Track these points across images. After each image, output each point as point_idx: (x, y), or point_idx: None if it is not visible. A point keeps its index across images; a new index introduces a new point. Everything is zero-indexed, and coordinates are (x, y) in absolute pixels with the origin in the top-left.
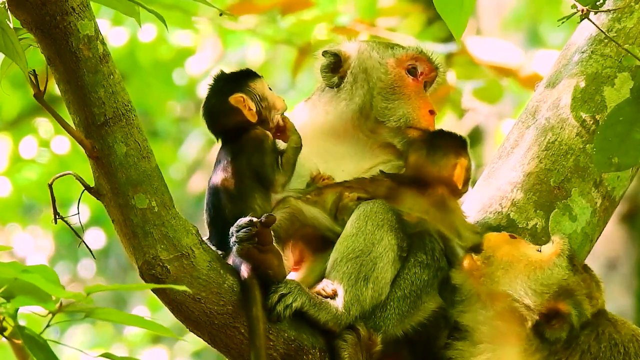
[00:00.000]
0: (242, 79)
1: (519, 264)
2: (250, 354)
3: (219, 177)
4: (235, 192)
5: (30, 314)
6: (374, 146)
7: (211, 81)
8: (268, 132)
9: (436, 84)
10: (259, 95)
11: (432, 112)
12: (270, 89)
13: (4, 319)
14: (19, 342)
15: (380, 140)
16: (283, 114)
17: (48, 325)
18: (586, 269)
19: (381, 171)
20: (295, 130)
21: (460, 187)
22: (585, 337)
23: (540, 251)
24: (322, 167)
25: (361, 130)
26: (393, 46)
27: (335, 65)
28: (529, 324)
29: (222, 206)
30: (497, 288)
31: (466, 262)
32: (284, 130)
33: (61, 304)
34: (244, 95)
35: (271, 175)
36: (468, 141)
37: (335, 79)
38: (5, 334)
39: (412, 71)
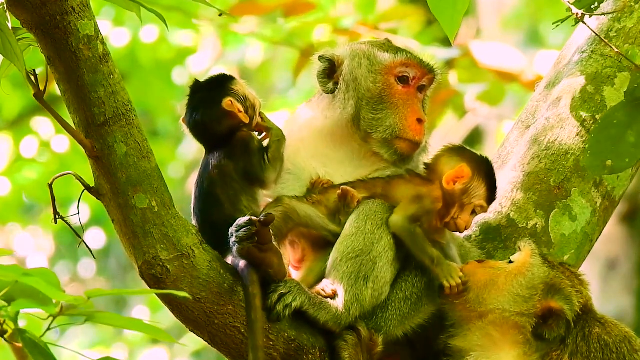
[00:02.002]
0: (224, 83)
1: (498, 278)
2: (249, 354)
3: (205, 182)
4: (221, 196)
5: (31, 315)
6: (368, 154)
7: (190, 92)
8: (253, 133)
9: (436, 84)
10: (242, 96)
11: (420, 121)
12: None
13: (4, 321)
14: (19, 345)
15: (372, 149)
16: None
17: (49, 329)
18: (563, 265)
19: (387, 176)
20: (274, 124)
21: (444, 185)
22: (572, 338)
23: (511, 262)
24: (321, 171)
25: (354, 139)
26: (387, 50)
27: (331, 71)
28: (528, 328)
29: (209, 210)
30: (486, 308)
31: (447, 290)
32: (263, 127)
33: (62, 307)
34: (232, 99)
35: (261, 174)
36: (490, 176)
37: (331, 85)
38: (6, 336)
39: (403, 78)
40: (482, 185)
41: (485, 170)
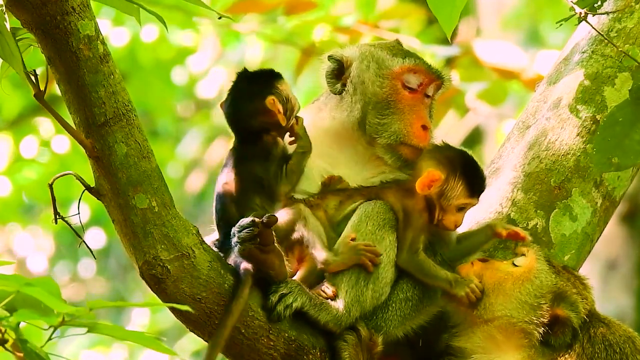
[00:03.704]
0: (271, 79)
1: (505, 283)
2: (209, 342)
3: (223, 180)
4: (236, 196)
5: (32, 324)
6: (373, 157)
7: (236, 79)
8: (279, 139)
9: (443, 89)
10: (285, 97)
11: (424, 127)
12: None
13: (5, 331)
14: (21, 354)
15: (376, 153)
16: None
17: (50, 339)
18: (566, 269)
19: (381, 182)
20: (306, 134)
21: (419, 191)
22: (579, 343)
23: (515, 265)
24: (327, 171)
25: (360, 142)
26: (396, 53)
27: (339, 72)
28: (535, 335)
29: (224, 209)
30: (492, 314)
31: (454, 295)
32: (294, 132)
33: (63, 318)
34: (275, 98)
35: (274, 186)
36: (459, 163)
37: (339, 86)
38: (7, 345)
39: (410, 83)
40: (459, 184)
41: (460, 169)
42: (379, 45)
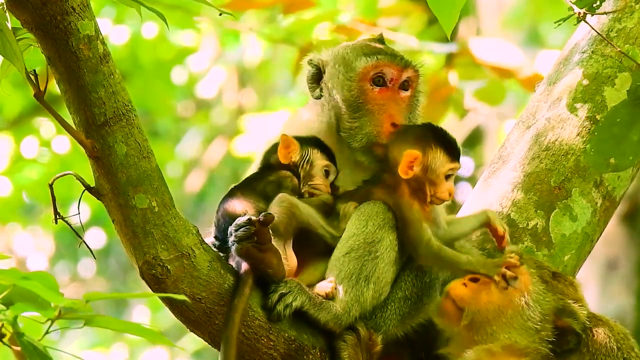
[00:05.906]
0: (312, 142)
1: (506, 310)
2: (222, 341)
3: (232, 188)
4: (240, 196)
5: (30, 318)
6: (357, 162)
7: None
8: (294, 177)
9: (422, 77)
10: (308, 159)
11: (394, 125)
12: (325, 172)
13: (2, 325)
14: (18, 348)
15: (355, 157)
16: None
17: (47, 332)
18: (556, 275)
19: (363, 181)
20: (328, 193)
21: (403, 176)
22: (582, 343)
23: (507, 287)
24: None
25: (344, 146)
26: (364, 52)
27: (318, 76)
28: (541, 351)
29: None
30: (497, 341)
31: (445, 311)
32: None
33: (60, 311)
34: (297, 147)
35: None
36: (433, 138)
37: (318, 92)
38: (5, 339)
39: (378, 81)
40: (439, 152)
41: (432, 138)
42: (351, 45)
